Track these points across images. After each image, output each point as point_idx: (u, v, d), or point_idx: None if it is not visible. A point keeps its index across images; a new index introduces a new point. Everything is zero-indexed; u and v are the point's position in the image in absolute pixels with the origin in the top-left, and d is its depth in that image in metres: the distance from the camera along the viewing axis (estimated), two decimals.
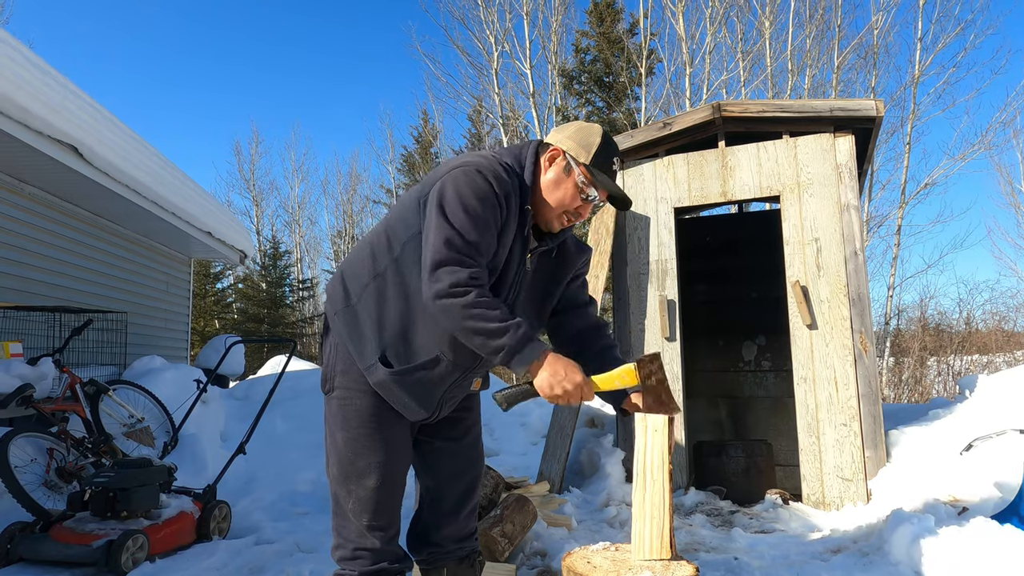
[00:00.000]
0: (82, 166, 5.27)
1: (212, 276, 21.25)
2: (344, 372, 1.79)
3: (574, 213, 1.77)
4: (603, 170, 1.74)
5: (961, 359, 14.62)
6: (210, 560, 3.08)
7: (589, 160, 1.73)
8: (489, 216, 1.62)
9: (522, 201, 1.72)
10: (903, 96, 15.71)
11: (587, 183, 1.73)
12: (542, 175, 1.77)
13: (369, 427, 1.78)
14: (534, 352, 1.59)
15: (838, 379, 4.20)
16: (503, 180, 1.66)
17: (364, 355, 1.75)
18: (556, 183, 1.75)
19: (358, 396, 1.77)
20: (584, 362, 1.83)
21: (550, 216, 1.77)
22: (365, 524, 1.79)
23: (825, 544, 3.22)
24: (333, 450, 1.83)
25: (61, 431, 3.86)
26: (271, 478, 4.71)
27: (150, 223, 6.92)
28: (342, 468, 1.80)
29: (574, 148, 1.75)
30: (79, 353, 5.70)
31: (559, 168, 1.75)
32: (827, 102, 4.45)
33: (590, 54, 17.41)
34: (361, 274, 1.78)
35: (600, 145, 1.75)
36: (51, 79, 4.99)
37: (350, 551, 1.81)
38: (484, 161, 1.69)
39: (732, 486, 4.40)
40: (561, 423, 4.48)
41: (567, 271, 1.91)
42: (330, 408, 1.83)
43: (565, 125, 1.83)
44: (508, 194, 1.66)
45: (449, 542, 1.99)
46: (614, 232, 4.83)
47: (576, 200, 1.75)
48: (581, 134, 1.77)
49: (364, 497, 1.78)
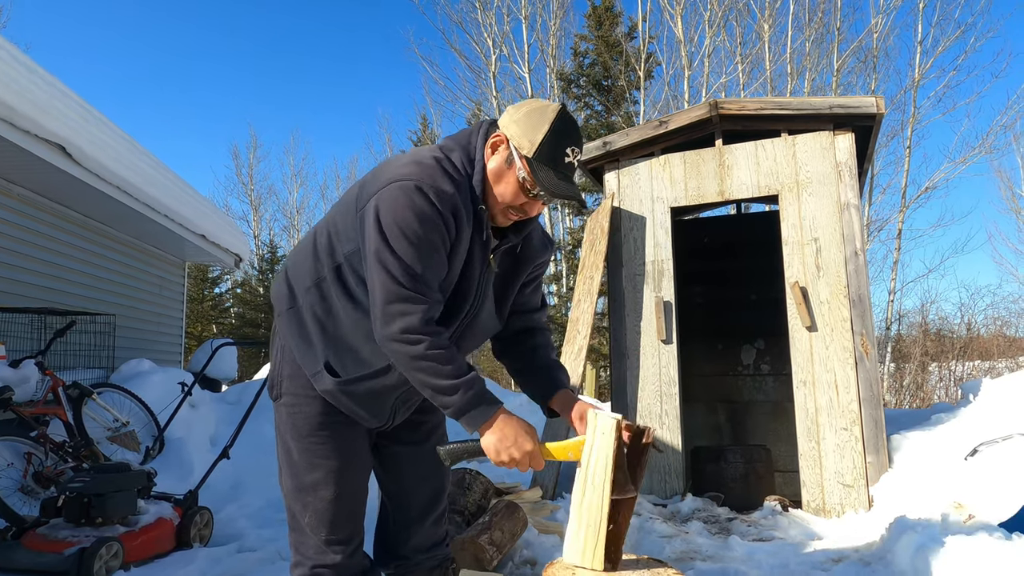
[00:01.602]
0: (71, 167, 5.19)
1: (210, 281, 21.19)
2: (291, 377, 1.68)
3: (519, 210, 1.56)
4: (551, 164, 1.49)
5: (963, 365, 14.51)
6: (188, 568, 2.98)
7: (532, 152, 1.48)
8: (434, 238, 1.46)
9: (475, 202, 1.54)
10: (903, 99, 15.67)
11: (528, 180, 1.49)
12: (487, 162, 1.56)
13: (321, 435, 1.66)
14: (484, 414, 1.48)
15: (839, 382, 4.09)
16: (445, 194, 1.47)
17: (309, 361, 1.63)
18: (497, 175, 1.54)
19: (307, 403, 1.66)
20: (513, 363, 1.77)
21: (495, 211, 1.58)
22: (323, 538, 1.67)
23: (826, 553, 3.11)
24: (286, 460, 1.72)
25: (40, 435, 3.76)
26: (258, 484, 4.60)
27: (142, 225, 6.84)
28: (296, 479, 1.69)
29: (518, 136, 1.51)
30: (66, 356, 5.61)
31: (501, 158, 1.54)
32: (826, 99, 4.36)
33: (588, 57, 17.36)
34: (304, 275, 1.65)
35: (548, 134, 1.48)
36: (39, 78, 4.92)
37: (309, 569, 1.69)
38: (424, 172, 1.48)
39: (730, 492, 4.30)
40: (555, 428, 4.37)
41: (527, 268, 1.74)
42: (279, 416, 1.72)
43: (519, 105, 1.58)
44: (455, 207, 1.48)
45: (417, 553, 1.89)
46: (609, 232, 4.74)
47: (519, 197, 1.53)
48: (530, 119, 1.51)
49: (321, 509, 1.66)
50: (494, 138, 1.55)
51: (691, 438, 5.09)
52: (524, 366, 1.74)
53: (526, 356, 1.75)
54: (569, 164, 1.51)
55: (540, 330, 1.81)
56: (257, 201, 27.08)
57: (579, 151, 1.52)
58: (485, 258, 1.59)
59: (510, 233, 1.64)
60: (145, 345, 7.62)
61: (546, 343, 1.78)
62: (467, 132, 1.62)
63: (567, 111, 1.54)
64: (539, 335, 1.79)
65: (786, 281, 4.30)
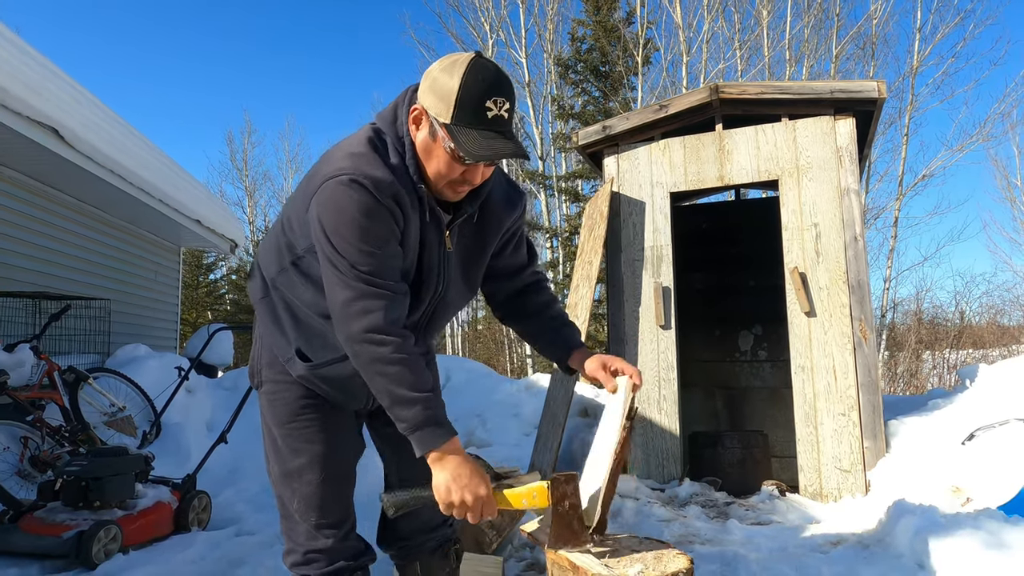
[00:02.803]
0: (64, 149, 5.13)
1: (205, 267, 21.11)
2: (270, 364, 1.67)
3: (462, 181, 1.43)
4: (474, 124, 1.34)
5: (956, 353, 14.60)
6: (187, 552, 2.97)
7: (451, 117, 1.34)
8: (381, 229, 1.38)
9: (414, 182, 1.44)
10: (901, 87, 15.63)
11: (454, 148, 1.36)
12: (415, 140, 1.44)
13: (303, 419, 1.64)
14: (437, 437, 1.38)
15: (837, 368, 4.10)
16: (383, 183, 1.38)
17: (282, 348, 1.63)
18: (426, 151, 1.43)
19: (286, 388, 1.64)
20: (522, 327, 1.73)
21: (440, 187, 1.46)
22: (313, 523, 1.65)
23: (824, 536, 3.12)
24: (271, 448, 1.70)
25: (36, 419, 3.74)
26: (256, 468, 4.58)
27: (136, 210, 6.79)
28: (282, 466, 1.67)
29: (434, 104, 1.37)
30: (61, 341, 5.58)
31: (425, 132, 1.42)
32: (827, 83, 4.34)
33: (586, 43, 17.22)
34: (270, 265, 1.62)
35: (460, 91, 1.32)
36: (30, 59, 4.85)
37: (302, 555, 1.67)
38: (358, 162, 1.40)
39: (727, 477, 4.31)
40: (553, 412, 4.37)
41: (495, 234, 1.63)
42: (262, 404, 1.70)
43: (433, 65, 1.42)
44: (395, 194, 1.39)
45: (418, 534, 1.87)
46: (608, 217, 4.71)
47: (455, 168, 1.40)
48: (441, 80, 1.36)
49: (308, 494, 1.64)
50: (413, 112, 1.43)
51: (689, 423, 5.10)
52: (532, 330, 1.70)
53: (531, 320, 1.70)
54: (496, 118, 1.35)
55: (536, 286, 1.74)
56: (252, 187, 26.92)
57: (504, 100, 1.35)
58: (441, 239, 1.52)
59: (464, 204, 1.53)
60: (140, 330, 7.59)
61: (546, 301, 1.72)
62: (393, 107, 1.51)
63: (481, 59, 1.38)
64: (537, 293, 1.73)
65: (785, 267, 4.29)
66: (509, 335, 18.51)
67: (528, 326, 1.72)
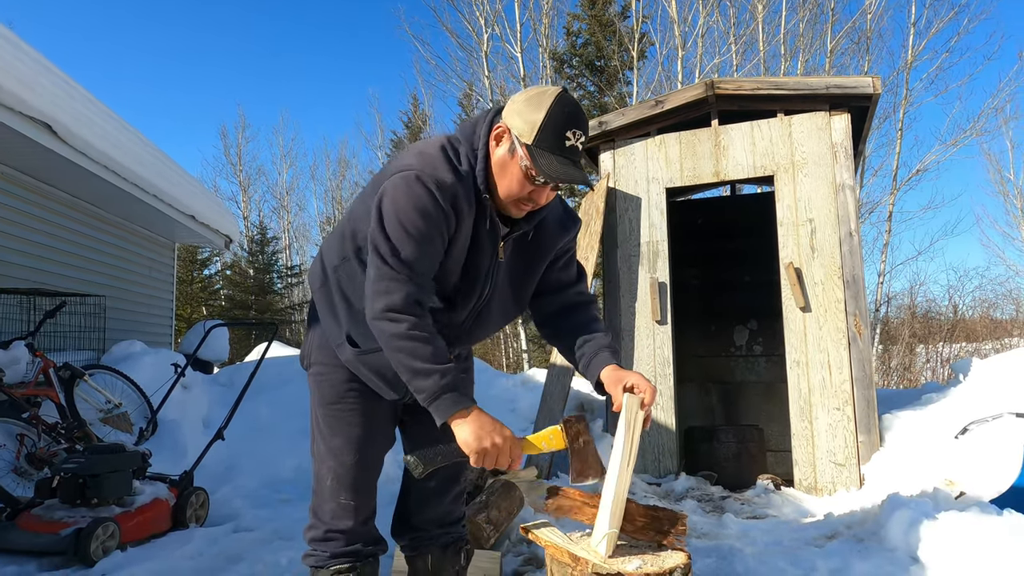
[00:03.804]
0: (57, 145, 5.09)
1: (199, 262, 21.01)
2: (320, 348, 1.78)
3: (528, 200, 1.56)
4: (553, 149, 1.48)
5: (950, 346, 14.68)
6: (185, 548, 2.98)
7: (532, 139, 1.48)
8: (431, 228, 1.49)
9: (479, 191, 1.55)
10: (896, 81, 15.66)
11: (531, 167, 1.49)
12: (492, 155, 1.57)
13: (346, 402, 1.75)
14: (456, 403, 1.45)
15: (832, 363, 4.12)
16: (445, 185, 1.50)
17: (334, 333, 1.73)
18: (502, 167, 1.55)
19: (333, 371, 1.75)
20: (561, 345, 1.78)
21: (506, 203, 1.58)
22: (342, 502, 1.75)
23: (819, 529, 3.15)
24: (316, 427, 1.81)
25: (32, 416, 3.73)
26: (253, 465, 4.60)
27: (131, 205, 6.75)
28: (325, 444, 1.78)
29: (518, 125, 1.50)
30: (56, 337, 5.56)
31: (505, 149, 1.54)
32: (823, 79, 4.35)
33: (581, 37, 17.17)
34: (332, 256, 1.75)
35: (546, 118, 1.47)
36: (23, 53, 4.81)
37: (323, 532, 1.76)
38: (426, 162, 1.52)
39: (723, 471, 4.34)
40: (550, 408, 4.39)
41: (547, 254, 1.74)
42: (310, 384, 1.82)
43: (520, 93, 1.57)
44: (454, 197, 1.51)
45: (432, 526, 1.90)
46: (604, 213, 4.72)
47: (525, 186, 1.53)
48: (528, 106, 1.50)
49: (342, 474, 1.75)
50: (497, 129, 1.56)
51: (685, 418, 5.12)
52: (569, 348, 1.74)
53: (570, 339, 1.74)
54: (571, 148, 1.50)
55: (581, 306, 1.80)
56: (246, 182, 26.76)
57: (581, 133, 1.51)
58: (494, 247, 1.62)
59: (522, 221, 1.64)
60: (136, 327, 7.56)
61: (587, 320, 1.76)
62: (472, 123, 1.64)
63: (567, 94, 1.53)
64: (579, 312, 1.79)
65: (780, 262, 4.31)
66: (505, 330, 18.53)
67: (564, 343, 1.77)
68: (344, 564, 1.74)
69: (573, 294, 1.82)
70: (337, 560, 1.74)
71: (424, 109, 23.94)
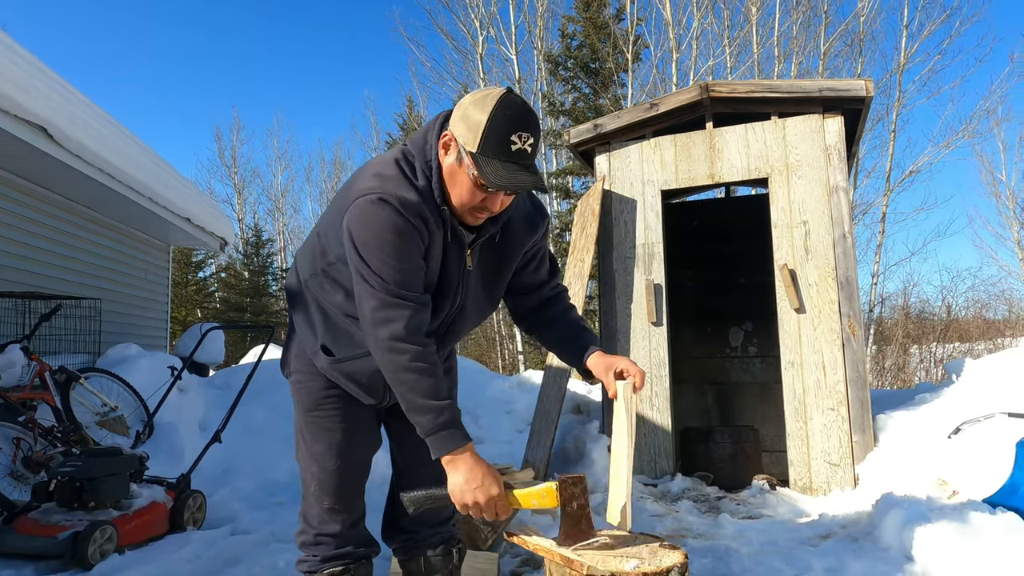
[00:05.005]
0: (53, 148, 5.08)
1: (194, 265, 20.98)
2: (298, 356, 1.80)
3: (481, 208, 1.51)
4: (498, 155, 1.41)
5: (943, 347, 14.76)
6: (182, 551, 2.98)
7: (476, 147, 1.42)
8: (407, 246, 1.49)
9: (440, 204, 1.52)
10: (889, 83, 15.73)
11: (477, 176, 1.44)
12: (443, 165, 1.52)
13: (324, 408, 1.76)
14: (453, 441, 1.47)
15: (826, 363, 4.15)
16: (409, 204, 1.47)
17: (310, 342, 1.75)
18: (451, 176, 1.50)
19: (311, 379, 1.77)
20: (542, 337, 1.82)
21: (460, 212, 1.54)
22: (327, 507, 1.76)
23: (814, 529, 3.17)
24: (299, 434, 1.83)
25: (29, 420, 3.72)
26: (250, 467, 4.60)
27: (126, 208, 6.74)
28: (307, 450, 1.79)
29: (463, 132, 1.44)
30: (51, 341, 5.54)
31: (452, 158, 1.49)
32: (816, 82, 4.38)
33: (576, 39, 17.22)
34: (306, 268, 1.75)
35: (488, 124, 1.40)
36: (17, 56, 4.80)
37: (312, 536, 1.78)
38: (387, 184, 1.49)
39: (719, 472, 4.36)
40: (547, 410, 4.40)
41: (516, 253, 1.72)
42: (292, 391, 1.84)
43: (466, 97, 1.50)
44: (421, 214, 1.49)
45: (423, 528, 1.91)
46: (600, 215, 4.74)
47: (476, 194, 1.48)
48: (472, 111, 1.44)
49: (324, 479, 1.76)
50: (443, 138, 1.51)
51: (680, 419, 5.14)
52: (550, 339, 1.79)
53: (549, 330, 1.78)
54: (519, 152, 1.42)
55: (555, 299, 1.82)
56: (241, 184, 26.73)
57: (528, 136, 1.43)
58: (462, 257, 1.61)
59: (486, 225, 1.61)
60: (131, 329, 7.55)
61: (563, 311, 1.79)
62: (423, 132, 1.59)
63: (511, 95, 1.46)
64: (555, 305, 1.81)
65: (775, 264, 4.34)
66: (500, 332, 18.54)
67: (547, 335, 1.81)
68: (337, 567, 1.76)
69: (548, 290, 1.84)
70: (330, 564, 1.76)
71: (419, 111, 23.93)
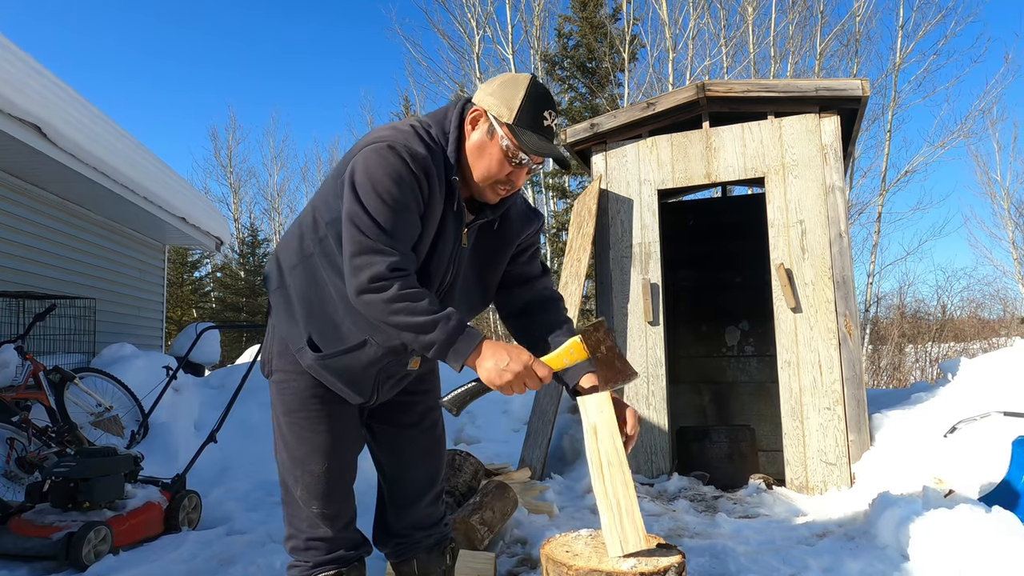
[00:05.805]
0: (47, 147, 5.06)
1: (189, 265, 20.93)
2: (280, 354, 1.72)
3: (506, 182, 1.58)
4: (532, 128, 1.53)
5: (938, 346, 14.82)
6: (178, 552, 2.97)
7: (512, 118, 1.52)
8: (407, 197, 1.47)
9: (448, 172, 1.55)
10: (884, 83, 15.78)
11: (513, 147, 1.52)
12: (467, 140, 1.58)
13: (310, 409, 1.70)
14: (470, 344, 1.44)
15: (822, 363, 4.15)
16: (418, 155, 1.48)
17: (294, 338, 1.68)
18: (480, 149, 1.56)
19: (295, 378, 1.70)
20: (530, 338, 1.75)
21: (481, 186, 1.59)
22: (315, 511, 1.71)
23: (810, 528, 3.18)
24: (279, 435, 1.76)
25: (23, 420, 3.71)
26: (246, 467, 4.59)
27: (121, 208, 6.72)
28: (288, 453, 1.73)
29: (496, 106, 1.54)
30: (46, 340, 5.52)
31: (482, 131, 1.56)
32: (812, 82, 4.38)
33: (573, 39, 17.24)
34: (291, 255, 1.69)
35: (524, 99, 1.52)
36: (11, 54, 4.78)
37: (303, 541, 1.73)
38: (399, 135, 1.52)
39: (715, 471, 4.36)
40: (543, 409, 4.40)
41: (511, 244, 1.74)
42: (272, 392, 1.77)
43: (491, 80, 1.62)
44: (427, 169, 1.49)
45: (415, 531, 1.89)
46: (596, 215, 4.74)
47: (504, 167, 1.55)
48: (505, 89, 1.55)
49: (311, 483, 1.70)
50: (472, 112, 1.57)
51: (677, 418, 5.15)
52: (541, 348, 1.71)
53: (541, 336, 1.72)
54: (548, 128, 1.56)
55: (548, 301, 1.79)
56: (237, 183, 26.66)
57: (555, 115, 1.57)
58: (458, 233, 1.60)
59: (488, 210, 1.64)
60: (126, 329, 7.52)
61: (556, 317, 1.75)
62: (444, 109, 1.65)
63: (538, 79, 1.61)
64: (548, 308, 1.77)
65: (771, 263, 4.34)
66: (496, 331, 18.53)
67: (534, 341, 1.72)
68: (330, 571, 1.71)
69: (540, 288, 1.81)
70: (322, 568, 1.71)
71: (416, 110, 23.90)
